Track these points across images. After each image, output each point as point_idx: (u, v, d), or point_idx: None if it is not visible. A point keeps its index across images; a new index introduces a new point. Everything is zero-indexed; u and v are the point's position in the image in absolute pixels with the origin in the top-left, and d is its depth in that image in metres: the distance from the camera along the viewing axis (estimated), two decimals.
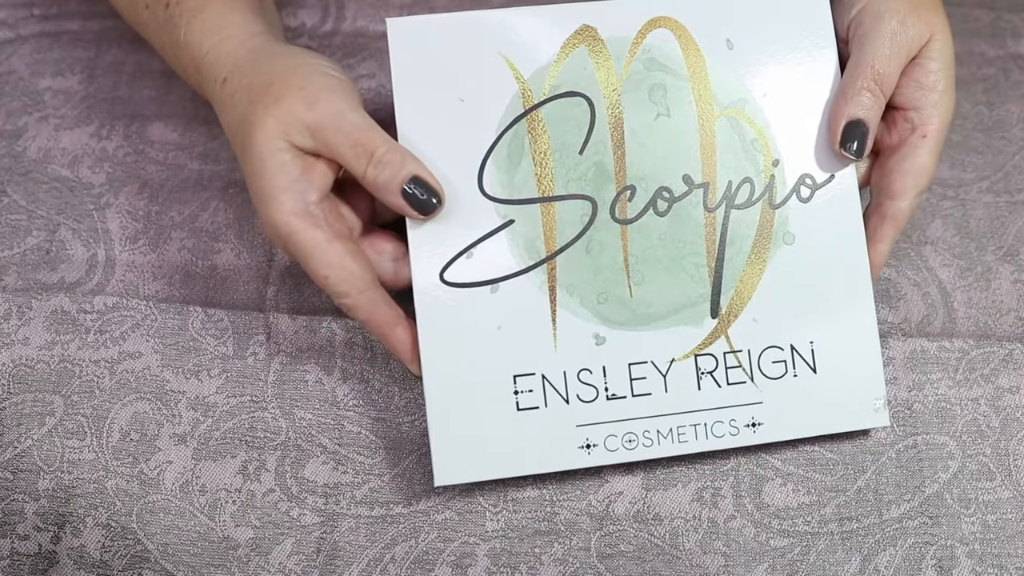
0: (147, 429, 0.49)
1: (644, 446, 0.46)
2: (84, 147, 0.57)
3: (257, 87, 0.44)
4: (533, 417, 0.45)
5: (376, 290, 0.45)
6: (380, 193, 0.45)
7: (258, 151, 0.44)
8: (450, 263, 0.45)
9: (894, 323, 0.52)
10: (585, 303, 0.46)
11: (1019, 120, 0.58)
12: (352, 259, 0.44)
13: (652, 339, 0.46)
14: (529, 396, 0.45)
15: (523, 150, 0.46)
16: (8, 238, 0.54)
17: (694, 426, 0.46)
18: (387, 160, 0.44)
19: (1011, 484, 0.49)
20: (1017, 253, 0.54)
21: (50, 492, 0.48)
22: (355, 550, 0.48)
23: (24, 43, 0.61)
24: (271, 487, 0.49)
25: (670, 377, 0.46)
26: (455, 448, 0.45)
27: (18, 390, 0.50)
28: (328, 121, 0.44)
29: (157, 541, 0.48)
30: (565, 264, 0.46)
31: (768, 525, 0.48)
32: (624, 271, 0.46)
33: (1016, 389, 0.50)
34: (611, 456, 0.46)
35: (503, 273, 0.46)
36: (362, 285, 0.44)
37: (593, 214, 0.46)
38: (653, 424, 0.46)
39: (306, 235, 0.43)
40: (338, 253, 0.44)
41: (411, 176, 0.44)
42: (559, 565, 0.47)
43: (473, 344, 0.45)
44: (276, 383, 0.50)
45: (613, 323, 0.46)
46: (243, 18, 0.48)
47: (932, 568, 0.47)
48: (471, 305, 0.45)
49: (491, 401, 0.45)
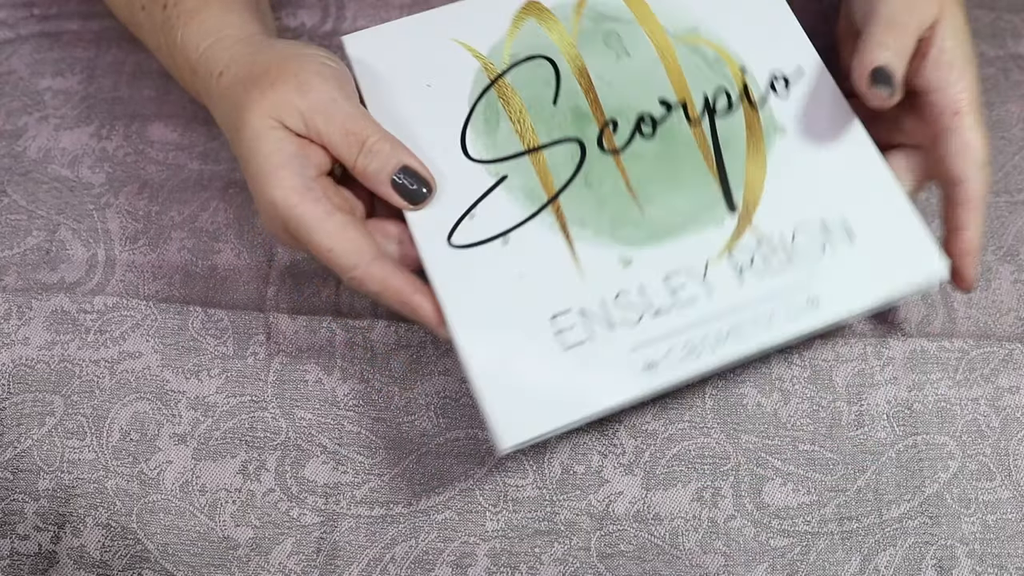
0: (147, 429, 0.49)
1: (710, 351, 0.43)
2: (84, 147, 0.57)
3: (254, 75, 0.44)
4: (582, 352, 0.43)
5: (384, 259, 0.44)
6: (371, 183, 0.44)
7: (254, 130, 0.43)
8: (454, 228, 0.45)
9: (894, 323, 0.52)
10: (600, 232, 0.45)
11: (1019, 120, 0.58)
12: (355, 230, 0.43)
13: (679, 248, 0.45)
14: (572, 332, 0.43)
15: (498, 114, 0.48)
16: (8, 238, 0.54)
17: (752, 320, 0.44)
18: (377, 149, 0.44)
19: (1011, 484, 0.49)
20: (1017, 253, 0.54)
21: (50, 492, 0.48)
22: (355, 550, 0.48)
23: (24, 43, 0.61)
24: (271, 487, 0.49)
25: (710, 279, 0.44)
26: (511, 406, 0.42)
27: (18, 390, 0.50)
28: (320, 108, 0.44)
29: (157, 541, 0.48)
30: (569, 202, 0.46)
31: (768, 525, 0.48)
32: (629, 195, 0.46)
33: (1016, 389, 0.50)
34: (679, 369, 0.43)
35: (510, 224, 0.45)
36: (369, 256, 0.43)
37: (582, 152, 0.47)
38: (710, 328, 0.44)
39: (306, 208, 0.43)
40: (341, 224, 0.43)
41: (401, 166, 0.44)
42: (559, 565, 0.47)
43: (499, 297, 0.44)
44: (276, 383, 0.51)
45: (634, 243, 0.45)
46: (240, 19, 0.48)
47: (932, 568, 0.47)
48: (486, 261, 0.45)
49: (535, 348, 0.43)
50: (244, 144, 0.44)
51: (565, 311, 0.44)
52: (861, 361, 0.51)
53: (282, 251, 0.54)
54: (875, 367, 0.51)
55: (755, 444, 0.49)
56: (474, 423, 0.50)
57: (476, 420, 0.50)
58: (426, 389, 0.50)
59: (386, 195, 0.45)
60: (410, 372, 0.51)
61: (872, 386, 0.50)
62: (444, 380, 0.51)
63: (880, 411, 0.50)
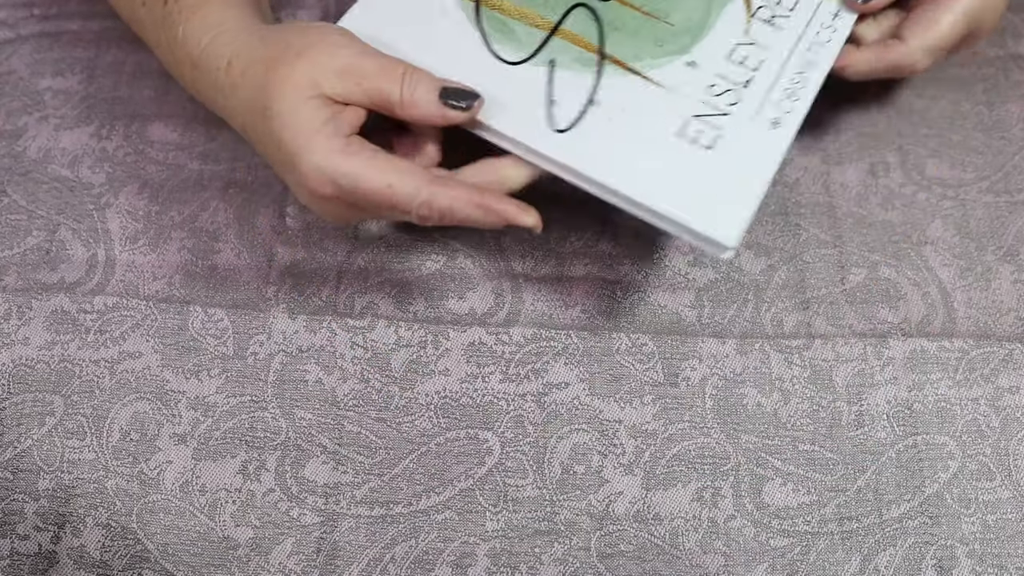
0: (147, 429, 0.49)
1: (804, 86, 0.49)
2: (84, 147, 0.57)
3: (273, 54, 0.45)
4: (723, 143, 0.47)
5: (442, 177, 0.44)
6: (421, 108, 0.45)
7: (289, 104, 0.44)
8: (549, 119, 0.47)
9: (894, 323, 0.52)
10: (656, 55, 0.49)
11: (1019, 120, 0.58)
12: (405, 162, 0.44)
13: (718, 32, 0.50)
14: (703, 135, 0.47)
15: (503, 22, 0.50)
16: (8, 238, 0.54)
17: (808, 48, 0.50)
18: (417, 76, 0.45)
19: (1011, 484, 0.49)
20: (1017, 253, 0.54)
21: (50, 492, 0.48)
22: (355, 550, 0.48)
23: (24, 43, 0.61)
24: (271, 487, 0.49)
25: (756, 38, 0.50)
26: (710, 210, 0.45)
27: (18, 390, 0.50)
28: (354, 61, 0.44)
29: (157, 541, 0.48)
30: (614, 48, 0.49)
31: (768, 525, 0.48)
32: (651, 19, 0.50)
33: (1016, 389, 0.50)
34: (795, 112, 0.48)
35: (589, 90, 0.48)
36: (428, 178, 0.44)
37: (591, 10, 0.50)
38: (787, 70, 0.50)
39: (351, 160, 0.43)
40: (389, 160, 0.44)
41: (443, 85, 0.45)
42: (559, 565, 0.47)
43: (627, 143, 0.47)
44: (276, 383, 0.51)
45: (685, 48, 0.50)
46: (241, 13, 0.48)
47: (932, 568, 0.47)
48: (594, 126, 0.47)
49: (686, 163, 0.46)
50: (276, 121, 0.44)
51: (684, 123, 0.47)
52: (861, 361, 0.51)
53: (282, 251, 0.54)
54: (875, 367, 0.51)
55: (755, 444, 0.49)
56: (474, 423, 0.50)
57: (476, 420, 0.50)
58: (426, 389, 0.50)
59: (440, 115, 0.45)
60: (410, 372, 0.51)
61: (872, 386, 0.50)
62: (444, 380, 0.51)
63: (880, 411, 0.50)
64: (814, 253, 0.54)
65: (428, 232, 0.54)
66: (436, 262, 0.53)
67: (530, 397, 0.50)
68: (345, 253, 0.53)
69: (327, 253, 0.53)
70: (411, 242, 0.54)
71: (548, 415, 0.50)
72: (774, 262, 0.54)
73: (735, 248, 0.44)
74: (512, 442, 0.49)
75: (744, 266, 0.53)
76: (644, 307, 0.52)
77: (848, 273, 0.53)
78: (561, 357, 0.51)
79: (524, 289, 0.53)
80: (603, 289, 0.52)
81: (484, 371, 0.51)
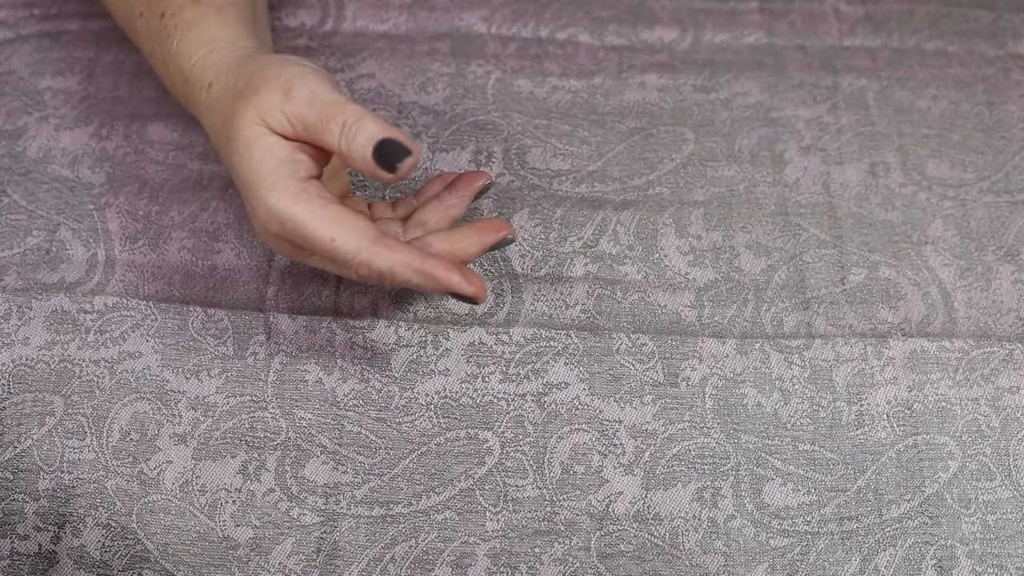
0: (147, 429, 0.49)
1: None
2: (84, 147, 0.57)
3: (239, 86, 0.45)
4: None
5: (388, 237, 0.43)
6: (356, 164, 0.43)
7: (244, 138, 0.44)
8: None
9: (894, 323, 0.52)
10: None
11: (1019, 120, 0.58)
12: (353, 216, 0.43)
13: None
14: None
15: None
16: (8, 238, 0.54)
17: None
18: (358, 127, 0.43)
19: (1011, 484, 0.49)
20: (1017, 253, 0.54)
21: (50, 492, 0.48)
22: (355, 550, 0.48)
23: (24, 43, 0.61)
24: (271, 487, 0.49)
25: None
26: None
27: (18, 390, 0.50)
28: (303, 102, 0.44)
29: (157, 541, 0.48)
30: None
31: (768, 525, 0.48)
32: None
33: (1016, 389, 0.50)
34: None
35: None
36: (372, 236, 0.43)
37: None
38: None
39: (300, 205, 0.43)
40: (338, 212, 0.43)
41: (380, 140, 0.43)
42: (559, 565, 0.47)
43: None
44: (276, 383, 0.51)
45: None
46: (236, 34, 0.48)
47: (932, 568, 0.47)
48: None
49: None
50: (236, 153, 0.44)
51: None
52: (861, 361, 0.51)
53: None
54: (875, 367, 0.51)
55: (755, 444, 0.49)
56: (474, 423, 0.50)
57: (476, 420, 0.50)
58: (426, 389, 0.50)
59: (371, 173, 0.43)
60: (410, 372, 0.51)
61: (872, 386, 0.50)
62: (444, 380, 0.51)
63: (880, 411, 0.50)
64: (814, 253, 0.54)
65: None
66: None
67: (530, 397, 0.50)
68: None
69: None
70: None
71: (548, 415, 0.50)
72: (774, 262, 0.54)
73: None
74: (512, 442, 0.49)
75: (744, 266, 0.53)
76: (644, 307, 0.52)
77: (848, 273, 0.53)
78: (561, 357, 0.51)
79: (524, 289, 0.53)
80: (603, 289, 0.52)
81: (484, 371, 0.51)
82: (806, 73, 0.60)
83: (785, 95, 0.59)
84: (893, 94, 0.59)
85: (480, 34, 0.61)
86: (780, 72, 0.60)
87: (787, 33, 0.61)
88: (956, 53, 0.61)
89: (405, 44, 0.61)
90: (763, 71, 0.60)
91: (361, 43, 0.60)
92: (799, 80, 0.59)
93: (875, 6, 0.62)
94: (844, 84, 0.59)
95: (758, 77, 0.59)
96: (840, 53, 0.61)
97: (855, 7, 0.62)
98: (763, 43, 0.61)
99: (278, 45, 0.60)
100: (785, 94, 0.59)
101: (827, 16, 0.62)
